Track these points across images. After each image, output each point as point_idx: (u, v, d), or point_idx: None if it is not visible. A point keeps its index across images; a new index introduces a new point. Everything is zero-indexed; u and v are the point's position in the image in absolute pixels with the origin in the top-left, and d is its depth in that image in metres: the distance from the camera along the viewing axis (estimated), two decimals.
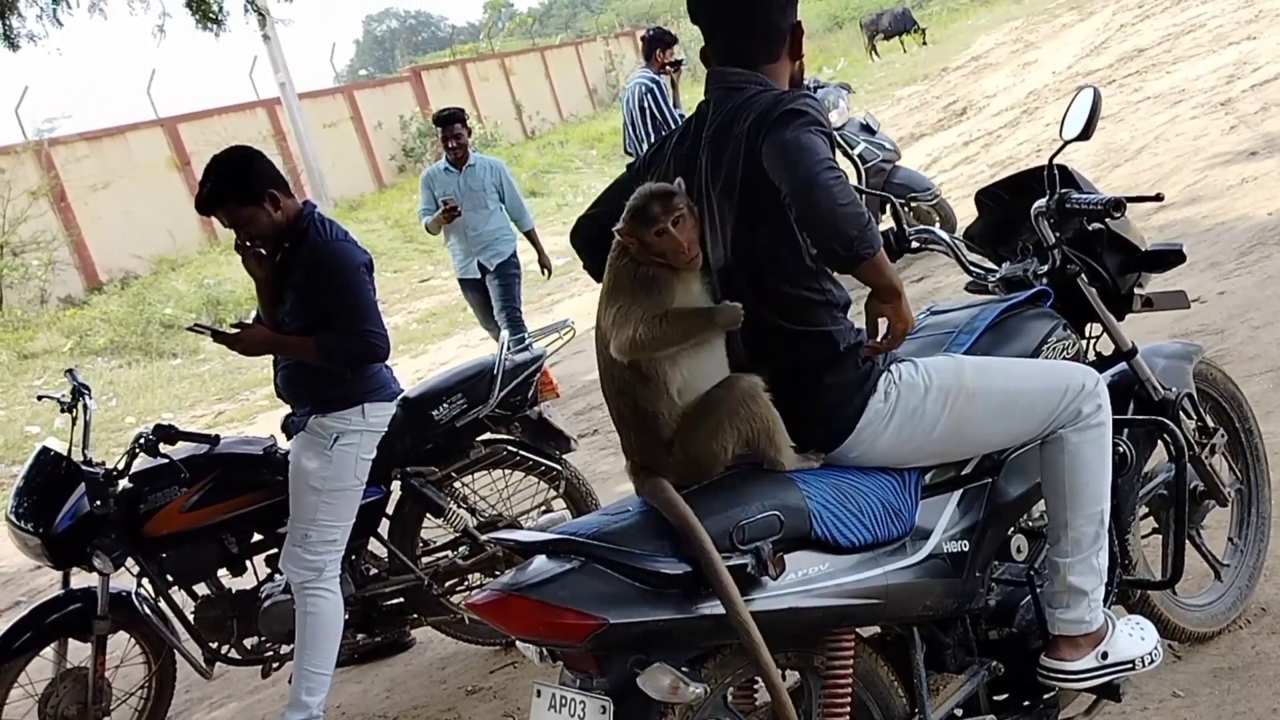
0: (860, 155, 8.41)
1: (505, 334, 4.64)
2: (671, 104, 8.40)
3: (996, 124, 14.40)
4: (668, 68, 8.46)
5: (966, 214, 9.56)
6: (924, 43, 29.41)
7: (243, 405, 11.36)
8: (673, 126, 8.05)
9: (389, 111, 25.68)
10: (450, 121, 8.04)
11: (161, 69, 25.44)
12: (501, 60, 31.18)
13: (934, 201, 8.43)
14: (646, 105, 8.31)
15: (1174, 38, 15.40)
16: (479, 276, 8.10)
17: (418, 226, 20.82)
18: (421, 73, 28.42)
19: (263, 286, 3.92)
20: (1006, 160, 11.75)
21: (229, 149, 3.98)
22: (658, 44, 8.56)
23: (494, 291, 8.05)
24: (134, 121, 20.65)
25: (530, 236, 8.37)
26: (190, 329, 4.43)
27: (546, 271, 8.59)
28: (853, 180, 6.31)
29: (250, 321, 4.09)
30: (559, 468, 4.55)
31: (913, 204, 8.26)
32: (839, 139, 7.45)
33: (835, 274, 2.39)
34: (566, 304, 12.31)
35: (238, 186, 3.82)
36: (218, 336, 3.99)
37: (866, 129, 8.71)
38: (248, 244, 3.87)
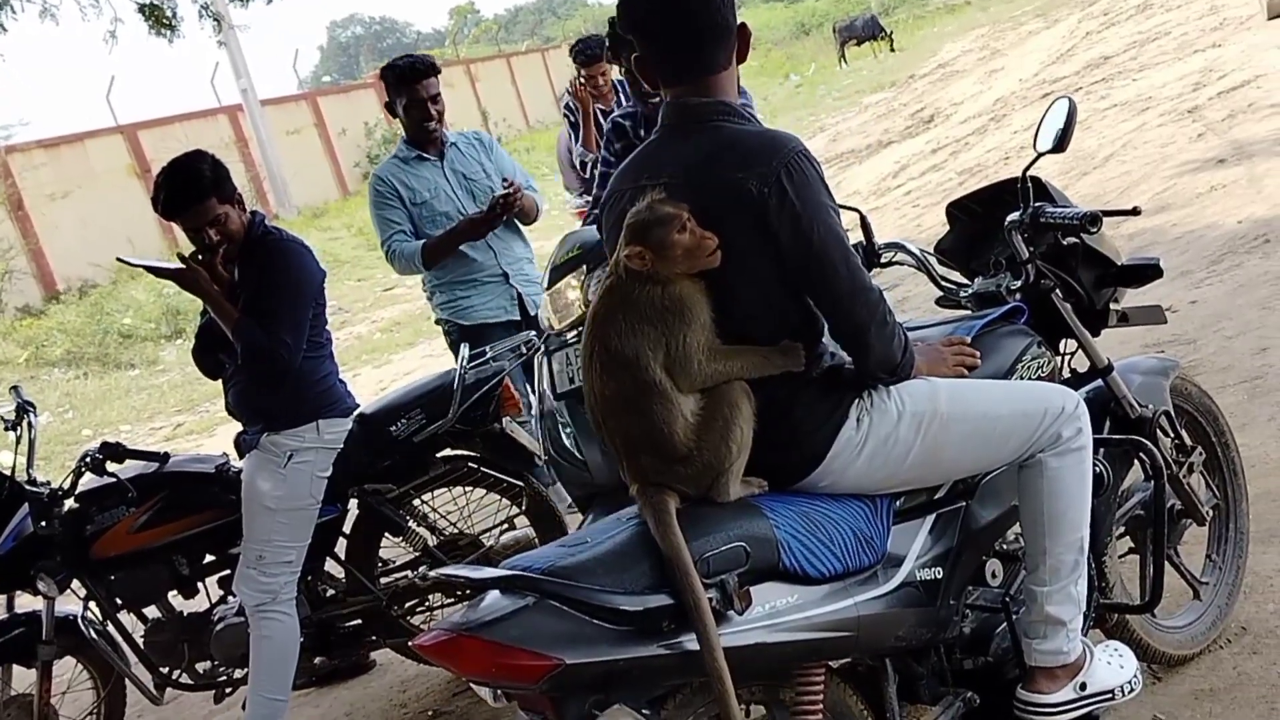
0: None
1: (465, 348, 4.48)
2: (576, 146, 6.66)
3: (964, 131, 14.40)
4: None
5: (935, 221, 9.56)
6: (892, 49, 29.53)
7: (202, 417, 11.18)
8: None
9: (353, 118, 25.48)
10: (426, 74, 4.84)
11: (121, 75, 25.19)
12: (467, 66, 31.05)
13: None
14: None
15: (1140, 45, 15.47)
16: (518, 318, 4.97)
17: None
18: None
19: (219, 298, 3.72)
20: (975, 168, 11.74)
21: (191, 152, 3.83)
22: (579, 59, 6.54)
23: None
24: (93, 129, 20.40)
25: None
26: (120, 260, 4.26)
27: None
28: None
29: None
30: (521, 484, 4.42)
31: None
32: None
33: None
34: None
35: (218, 180, 3.70)
36: (158, 272, 3.84)
37: None
38: (216, 244, 3.71)
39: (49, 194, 18.33)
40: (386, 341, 12.99)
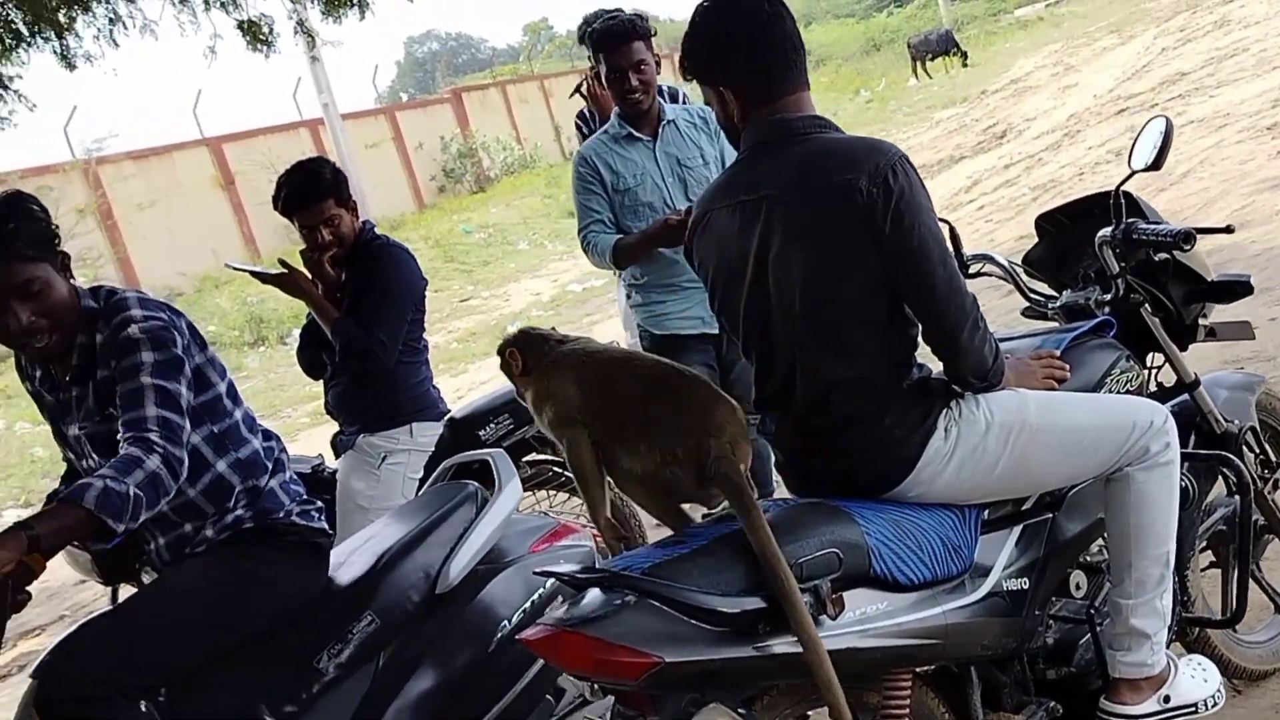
0: None
1: None
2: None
3: (1037, 147, 14.28)
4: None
5: (1008, 236, 9.50)
6: (965, 64, 29.33)
7: (285, 422, 11.39)
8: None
9: (429, 132, 25.83)
10: (625, 37, 4.00)
11: (207, 89, 25.74)
12: (541, 82, 31.29)
13: None
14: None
15: (1217, 61, 15.25)
16: (716, 331, 4.02)
17: (460, 245, 20.67)
18: (462, 94, 28.58)
19: (319, 299, 3.89)
20: (1048, 183, 11.65)
21: (315, 157, 4.06)
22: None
23: None
24: (180, 141, 20.90)
25: None
26: (228, 266, 4.44)
27: None
28: None
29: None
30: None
31: None
32: None
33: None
34: (606, 325, 12.30)
35: (337, 184, 3.89)
36: (262, 277, 4.00)
37: None
38: (327, 244, 3.88)
39: (137, 204, 18.82)
40: (463, 351, 13.14)
